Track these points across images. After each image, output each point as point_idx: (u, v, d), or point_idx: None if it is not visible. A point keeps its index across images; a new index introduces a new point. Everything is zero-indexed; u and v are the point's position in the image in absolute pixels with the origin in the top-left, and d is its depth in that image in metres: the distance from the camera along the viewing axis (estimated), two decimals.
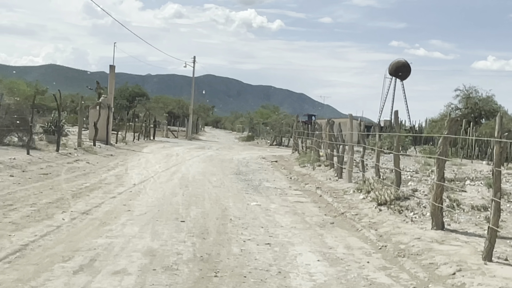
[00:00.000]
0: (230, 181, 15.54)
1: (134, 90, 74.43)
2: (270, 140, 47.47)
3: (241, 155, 30.37)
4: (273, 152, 37.58)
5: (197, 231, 7.88)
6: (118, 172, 15.56)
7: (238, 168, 20.51)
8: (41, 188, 10.90)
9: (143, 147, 30.03)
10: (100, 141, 26.04)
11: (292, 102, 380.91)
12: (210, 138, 62.06)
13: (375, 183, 11.65)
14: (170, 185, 13.37)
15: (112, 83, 27.32)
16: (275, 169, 21.42)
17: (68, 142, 22.43)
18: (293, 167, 22.30)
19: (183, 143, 41.39)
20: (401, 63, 77.15)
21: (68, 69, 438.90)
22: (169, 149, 30.95)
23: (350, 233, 8.57)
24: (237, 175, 17.53)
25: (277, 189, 14.19)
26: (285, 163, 24.78)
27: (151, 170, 16.73)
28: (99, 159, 19.26)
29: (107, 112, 26.17)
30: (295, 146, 32.23)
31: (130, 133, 35.65)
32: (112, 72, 27.39)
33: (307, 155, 23.69)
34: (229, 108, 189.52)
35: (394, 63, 77.39)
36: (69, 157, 18.24)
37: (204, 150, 33.71)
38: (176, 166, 19.09)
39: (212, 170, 18.84)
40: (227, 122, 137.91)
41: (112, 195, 10.84)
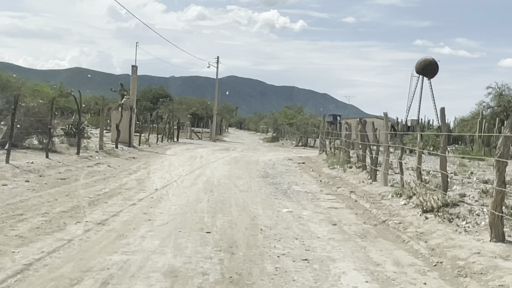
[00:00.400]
0: (257, 184, 14.66)
1: (157, 92, 74.09)
2: (296, 141, 46.48)
3: (267, 157, 29.52)
4: (299, 153, 36.63)
5: (225, 244, 7.02)
6: (140, 176, 14.80)
7: (265, 171, 19.64)
8: (57, 194, 10.16)
9: (167, 149, 29.36)
10: (123, 143, 25.42)
11: (315, 102, 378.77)
12: (234, 140, 61.33)
13: (417, 188, 10.63)
14: (194, 190, 12.54)
15: (134, 84, 26.69)
16: (303, 171, 20.49)
17: (90, 145, 21.83)
18: (322, 169, 21.35)
19: (207, 144, 40.71)
20: (428, 61, 75.41)
21: (93, 72, 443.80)
22: (193, 151, 30.24)
23: (396, 245, 7.61)
24: (264, 178, 16.66)
25: (308, 194, 13.27)
26: (313, 165, 23.84)
27: (174, 174, 15.95)
28: (121, 162, 18.57)
29: (129, 113, 25.54)
30: (322, 147, 31.23)
31: (154, 135, 35.07)
32: (134, 73, 26.76)
33: (336, 156, 22.70)
34: (252, 109, 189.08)
35: (421, 61, 75.70)
36: (89, 160, 17.57)
37: (229, 151, 32.94)
38: (200, 169, 18.29)
39: (238, 173, 18.00)
40: (251, 123, 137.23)
41: (132, 201, 10.04)
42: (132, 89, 26.58)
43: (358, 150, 20.22)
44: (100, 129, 20.85)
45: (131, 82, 26.75)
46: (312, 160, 26.98)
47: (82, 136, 21.03)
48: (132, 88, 26.52)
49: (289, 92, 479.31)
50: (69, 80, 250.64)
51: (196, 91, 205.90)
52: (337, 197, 12.91)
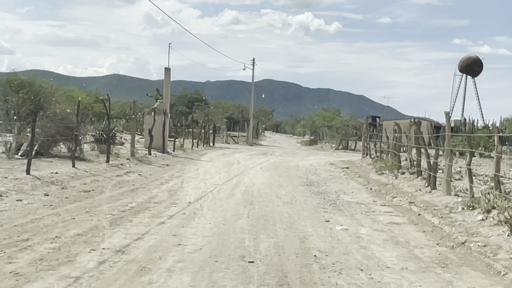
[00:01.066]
0: (301, 194, 13.14)
1: (193, 96, 73.27)
2: (335, 144, 44.72)
3: (307, 161, 27.98)
4: (341, 157, 34.91)
5: (273, 280, 5.53)
6: (172, 186, 13.46)
7: (308, 177, 18.11)
8: (75, 211, 8.86)
9: (202, 155, 28.11)
10: (156, 149, 24.27)
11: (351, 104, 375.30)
12: (271, 143, 59.85)
13: (498, 199, 8.92)
14: (232, 202, 11.11)
15: (167, 87, 25.48)
16: (349, 178, 18.87)
17: (121, 152, 20.70)
18: (369, 175, 19.68)
19: (243, 149, 39.37)
20: (472, 59, 72.35)
21: (130, 78, 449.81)
22: (229, 156, 28.91)
23: (491, 279, 5.98)
24: (308, 186, 15.13)
25: (360, 205, 11.69)
26: (358, 170, 22.18)
27: (210, 183, 14.56)
28: (153, 170, 17.31)
29: (162, 118, 24.36)
30: (365, 151, 29.46)
31: (189, 139, 33.92)
32: (168, 75, 25.56)
33: (385, 160, 20.96)
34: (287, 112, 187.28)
35: (464, 59, 72.68)
36: (119, 169, 16.37)
37: (267, 156, 31.50)
38: (238, 177, 16.87)
39: (279, 180, 16.52)
40: (287, 126, 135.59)
41: (161, 219, 8.66)
42: (165, 92, 25.38)
43: (410, 153, 18.49)
44: (132, 135, 19.66)
45: (164, 85, 25.56)
46: (356, 165, 25.30)
47: (113, 142, 19.92)
48: (166, 91, 25.31)
49: (324, 95, 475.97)
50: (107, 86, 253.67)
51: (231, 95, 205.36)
52: (394, 209, 11.28)
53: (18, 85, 32.07)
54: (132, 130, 19.86)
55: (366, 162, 26.33)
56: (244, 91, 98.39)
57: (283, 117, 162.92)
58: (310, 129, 69.67)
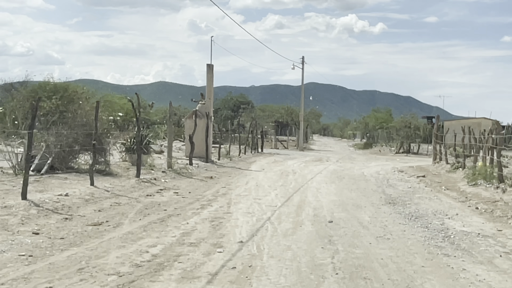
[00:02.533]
0: (392, 220, 9.59)
1: (238, 100, 70.27)
2: (396, 147, 40.61)
3: (371, 169, 24.31)
4: (406, 162, 30.94)
5: None
6: (217, 210, 10.11)
7: (384, 191, 14.53)
8: (62, 268, 5.61)
9: (251, 163, 24.77)
10: (199, 157, 21.10)
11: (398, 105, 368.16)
12: (322, 147, 56.07)
13: None
14: (302, 239, 7.66)
15: (210, 85, 22.16)
16: (435, 190, 15.15)
17: (158, 162, 17.58)
18: (458, 186, 15.91)
19: (295, 154, 35.85)
20: None
21: (176, 85, 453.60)
22: (281, 163, 25.49)
23: None
24: (393, 206, 11.56)
25: (486, 238, 8.07)
26: (440, 179, 18.40)
27: (265, 204, 11.16)
28: (193, 186, 14.04)
29: (205, 122, 21.13)
30: (439, 155, 25.47)
31: (235, 146, 30.72)
32: (210, 72, 22.26)
33: (481, 168, 17.01)
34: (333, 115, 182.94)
35: None
36: (151, 185, 13.18)
37: (323, 163, 27.92)
38: (298, 193, 13.42)
39: (351, 196, 13.00)
40: (335, 129, 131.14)
41: (197, 280, 5.30)
42: (208, 92, 22.07)
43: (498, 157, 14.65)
44: (168, 143, 16.40)
45: (206, 84, 22.28)
46: (433, 172, 21.44)
47: (147, 152, 16.81)
48: (208, 91, 22.01)
49: (370, 97, 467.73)
50: (153, 93, 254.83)
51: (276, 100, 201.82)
52: None
53: (51, 90, 29.63)
54: (169, 137, 16.54)
55: (442, 169, 22.43)
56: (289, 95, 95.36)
57: (329, 120, 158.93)
58: (363, 132, 65.52)
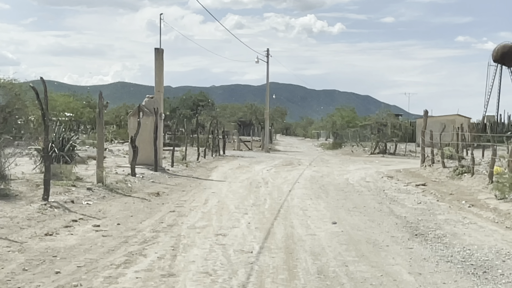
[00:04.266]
0: (451, 280, 5.67)
1: (197, 98, 65.86)
2: (371, 148, 37.07)
3: (353, 173, 20.58)
4: (386, 164, 27.35)
5: None
6: (150, 269, 5.89)
7: (390, 209, 10.78)
8: None
9: (212, 170, 20.63)
10: (146, 165, 16.87)
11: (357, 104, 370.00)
12: (288, 148, 52.27)
13: None
14: None
15: (160, 75, 17.67)
16: (455, 207, 11.43)
17: (88, 173, 13.26)
18: (479, 199, 12.34)
19: (261, 157, 31.85)
20: (508, 47, 64.45)
21: (136, 85, 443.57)
22: (248, 169, 21.45)
23: None
24: (425, 241, 7.76)
25: None
26: (446, 189, 14.77)
27: (233, 248, 7.03)
28: (128, 211, 9.81)
29: (154, 121, 16.87)
30: (431, 156, 21.86)
31: (195, 147, 26.53)
32: (160, 59, 17.80)
33: (501, 175, 13.31)
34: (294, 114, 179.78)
35: (499, 47, 64.85)
36: (64, 213, 8.89)
37: (295, 167, 24.02)
38: (279, 219, 9.38)
39: (354, 223, 9.10)
40: (298, 128, 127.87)
41: None
42: (157, 83, 17.61)
43: None
44: (98, 148, 11.95)
45: (155, 72, 17.83)
46: (431, 179, 17.83)
47: (70, 160, 12.46)
48: (157, 82, 17.55)
49: (330, 96, 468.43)
50: (112, 94, 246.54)
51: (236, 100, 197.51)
52: None
53: None
54: (99, 139, 11.85)
55: (440, 173, 18.83)
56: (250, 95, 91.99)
57: (290, 120, 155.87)
58: (329, 131, 62.08)
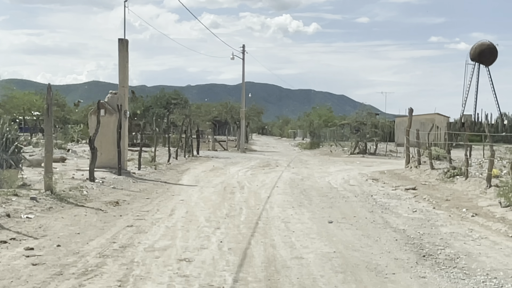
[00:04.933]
0: None
1: (171, 96, 64.00)
2: (350, 147, 35.79)
3: (335, 175, 19.23)
4: (368, 164, 26.07)
5: None
6: None
7: (384, 220, 9.41)
8: None
9: (183, 172, 18.99)
10: (109, 168, 15.19)
11: (333, 104, 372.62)
12: (265, 148, 50.80)
13: None
14: None
15: (124, 68, 15.79)
16: (457, 217, 10.12)
17: (36, 178, 11.52)
18: (481, 206, 11.14)
19: (237, 157, 30.28)
20: (485, 46, 64.12)
21: (110, 84, 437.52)
22: (222, 172, 19.87)
23: None
24: (437, 265, 6.30)
25: None
26: (440, 194, 13.50)
27: (199, 283, 5.47)
28: (76, 226, 8.12)
29: (117, 119, 15.16)
30: (417, 159, 20.55)
31: (167, 147, 24.84)
32: (124, 50, 15.88)
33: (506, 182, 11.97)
34: (270, 114, 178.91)
35: (477, 46, 64.46)
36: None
37: (273, 168, 22.53)
38: (257, 235, 7.83)
39: (347, 239, 7.61)
40: (274, 128, 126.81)
41: None
42: (121, 77, 15.79)
43: None
44: (46, 150, 10.23)
45: (118, 65, 15.91)
46: (420, 182, 16.55)
47: (16, 164, 10.72)
48: (121, 76, 15.68)
49: (306, 95, 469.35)
50: (86, 93, 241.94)
51: (213, 99, 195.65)
52: None
53: None
54: (47, 139, 10.11)
55: (428, 176, 17.58)
56: (226, 94, 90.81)
57: (266, 119, 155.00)
58: (306, 130, 60.80)
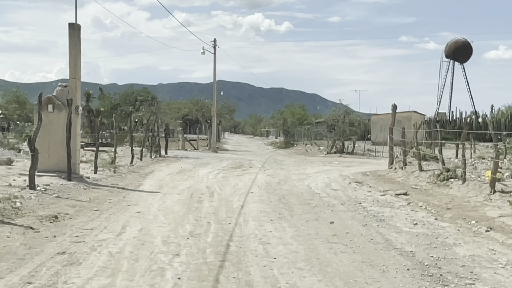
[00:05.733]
0: None
1: (140, 94, 61.59)
2: (327, 147, 34.15)
3: (314, 178, 17.51)
4: (347, 165, 24.46)
5: None
6: None
7: (385, 238, 7.78)
8: None
9: (146, 175, 16.99)
10: (59, 172, 13.13)
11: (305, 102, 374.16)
12: (238, 147, 48.96)
13: None
14: None
15: (75, 56, 13.65)
16: (468, 232, 8.53)
17: None
18: (486, 214, 9.64)
19: (208, 158, 28.36)
20: (460, 43, 63.35)
21: (81, 83, 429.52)
22: (190, 174, 17.95)
23: None
24: None
25: None
26: (437, 200, 11.89)
27: None
28: None
29: (66, 115, 13.07)
30: (403, 159, 18.92)
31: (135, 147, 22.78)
32: (75, 36, 13.70)
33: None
34: (242, 112, 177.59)
35: (452, 43, 63.66)
36: None
37: (246, 170, 20.70)
38: (229, 265, 5.96)
39: (345, 269, 5.78)
40: (247, 126, 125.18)
41: None
42: (72, 67, 13.63)
43: None
44: None
45: (69, 52, 13.69)
46: (410, 185, 14.89)
47: None
48: (72, 66, 13.56)
49: (278, 94, 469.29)
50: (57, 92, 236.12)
51: (184, 97, 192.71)
52: None
53: None
54: None
55: (418, 178, 15.92)
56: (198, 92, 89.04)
57: (238, 118, 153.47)
58: (280, 128, 59.07)
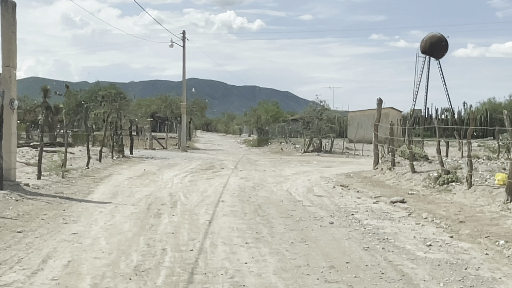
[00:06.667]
0: None
1: (109, 91, 58.91)
2: (304, 145, 32.25)
3: (294, 182, 15.60)
4: (327, 165, 22.62)
5: None
6: None
7: (394, 267, 5.56)
8: None
9: (101, 181, 14.75)
10: None
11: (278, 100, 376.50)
12: (209, 146, 46.77)
13: None
14: None
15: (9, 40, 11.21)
16: (487, 252, 6.49)
17: None
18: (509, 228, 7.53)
19: (176, 158, 26.21)
20: (436, 38, 62.40)
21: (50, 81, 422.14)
22: (154, 178, 15.79)
23: None
24: None
25: None
26: (443, 211, 10.02)
27: None
28: None
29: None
30: (391, 159, 17.06)
31: (97, 147, 20.42)
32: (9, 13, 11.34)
33: None
34: (215, 110, 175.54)
35: (427, 38, 62.63)
36: None
37: (217, 172, 18.64)
38: None
39: None
40: (219, 124, 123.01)
41: None
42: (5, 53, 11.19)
43: None
44: None
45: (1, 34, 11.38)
46: (405, 190, 13.04)
47: None
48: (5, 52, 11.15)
49: (251, 92, 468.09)
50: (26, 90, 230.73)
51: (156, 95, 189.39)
52: None
53: None
54: None
55: (411, 181, 14.10)
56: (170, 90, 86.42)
57: (211, 115, 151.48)
58: (253, 126, 57.10)
